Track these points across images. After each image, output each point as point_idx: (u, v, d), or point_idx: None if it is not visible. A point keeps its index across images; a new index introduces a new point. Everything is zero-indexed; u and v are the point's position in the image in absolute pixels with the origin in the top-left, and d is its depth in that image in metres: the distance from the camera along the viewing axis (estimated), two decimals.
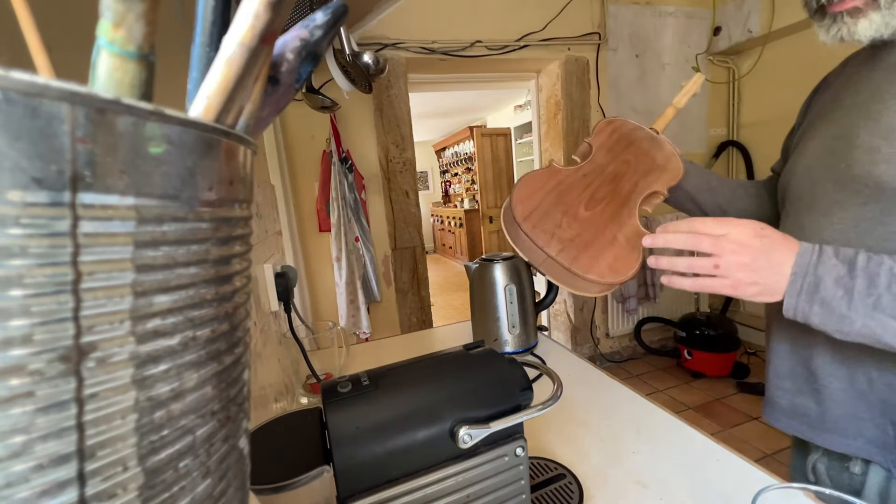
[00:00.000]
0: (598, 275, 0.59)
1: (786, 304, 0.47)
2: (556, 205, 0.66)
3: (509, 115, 4.68)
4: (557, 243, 0.62)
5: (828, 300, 0.45)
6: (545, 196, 0.66)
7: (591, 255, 0.61)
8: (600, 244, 0.62)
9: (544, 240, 0.62)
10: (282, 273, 0.81)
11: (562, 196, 0.67)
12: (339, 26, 0.27)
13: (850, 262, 0.45)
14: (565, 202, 0.66)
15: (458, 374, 0.40)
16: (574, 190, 0.68)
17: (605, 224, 0.64)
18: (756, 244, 0.48)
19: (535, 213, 0.64)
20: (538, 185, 0.67)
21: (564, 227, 0.63)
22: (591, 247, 0.62)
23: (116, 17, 0.14)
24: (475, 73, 2.15)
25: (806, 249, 0.47)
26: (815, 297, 0.45)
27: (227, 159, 0.16)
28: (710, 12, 2.39)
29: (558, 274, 0.62)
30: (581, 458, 0.58)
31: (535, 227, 0.63)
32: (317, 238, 1.86)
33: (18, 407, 0.10)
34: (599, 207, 0.66)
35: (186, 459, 0.14)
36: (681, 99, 0.78)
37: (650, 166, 0.72)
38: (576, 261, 0.60)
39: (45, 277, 0.10)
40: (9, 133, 0.10)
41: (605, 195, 0.67)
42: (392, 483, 0.34)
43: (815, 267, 0.46)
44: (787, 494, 0.34)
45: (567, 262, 0.60)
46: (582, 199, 0.67)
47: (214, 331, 0.15)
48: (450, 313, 4.02)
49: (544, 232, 0.63)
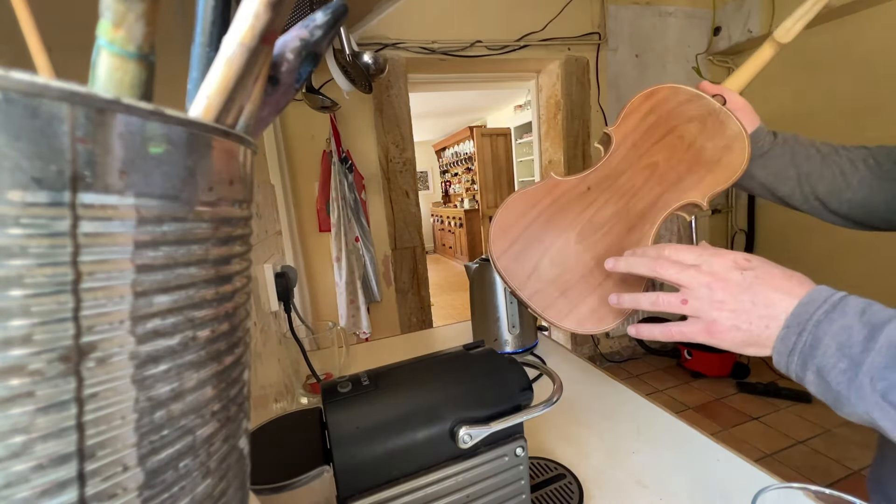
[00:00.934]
0: (575, 323, 0.49)
1: (775, 361, 0.37)
2: (543, 233, 0.52)
3: (509, 115, 4.68)
4: (535, 284, 0.50)
5: (824, 371, 0.33)
6: (532, 221, 0.53)
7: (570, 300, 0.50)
8: (587, 285, 0.50)
9: (519, 281, 0.51)
10: (282, 273, 0.81)
11: (553, 220, 0.53)
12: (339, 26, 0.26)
13: (875, 326, 0.32)
14: (555, 229, 0.52)
15: (458, 374, 0.40)
16: (570, 212, 0.53)
17: (597, 261, 0.51)
18: (735, 278, 0.38)
19: (516, 246, 0.52)
20: (525, 209, 0.53)
21: (545, 267, 0.51)
22: (573, 290, 0.50)
23: (116, 17, 0.14)
24: (475, 73, 2.15)
25: (817, 296, 0.35)
26: (809, 363, 0.34)
27: (227, 159, 0.16)
28: (710, 12, 2.39)
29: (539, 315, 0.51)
30: (581, 458, 0.58)
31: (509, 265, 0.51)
32: (317, 238, 1.86)
33: (18, 407, 0.10)
34: (594, 238, 0.52)
35: (186, 459, 0.14)
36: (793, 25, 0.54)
37: (691, 165, 0.54)
38: (549, 308, 0.49)
39: (45, 277, 0.10)
40: (9, 133, 0.10)
41: (608, 219, 0.53)
42: (392, 483, 0.35)
43: (819, 323, 0.34)
44: (787, 494, 0.34)
45: (540, 308, 0.49)
46: (576, 224, 0.53)
47: (214, 331, 0.15)
48: (450, 313, 4.02)
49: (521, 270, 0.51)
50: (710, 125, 0.55)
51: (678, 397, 2.20)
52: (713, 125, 0.55)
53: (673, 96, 0.57)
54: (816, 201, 0.57)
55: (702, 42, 2.43)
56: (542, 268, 0.51)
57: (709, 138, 0.55)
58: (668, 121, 0.56)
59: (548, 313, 0.50)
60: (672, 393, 2.25)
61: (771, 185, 0.59)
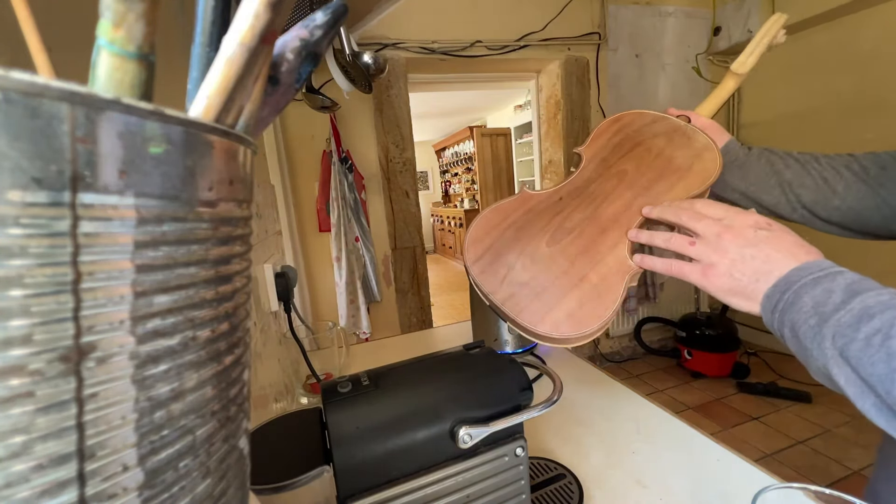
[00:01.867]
0: (551, 327, 0.46)
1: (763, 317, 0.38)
2: (513, 241, 0.52)
3: (509, 115, 4.68)
4: (507, 288, 0.49)
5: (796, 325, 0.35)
6: (504, 231, 0.53)
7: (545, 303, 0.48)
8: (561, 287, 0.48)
9: (493, 285, 0.49)
10: (282, 273, 0.81)
11: (524, 229, 0.53)
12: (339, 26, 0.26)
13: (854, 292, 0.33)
14: (525, 237, 0.52)
15: (458, 374, 0.40)
16: (541, 219, 0.53)
17: (571, 261, 0.50)
18: (749, 234, 0.39)
19: (489, 253, 0.51)
20: (498, 220, 0.54)
21: (518, 270, 0.50)
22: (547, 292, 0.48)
23: (116, 16, 0.14)
24: (475, 73, 2.15)
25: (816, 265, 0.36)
26: (786, 319, 0.36)
27: (227, 159, 0.16)
28: (710, 12, 2.39)
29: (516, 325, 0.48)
30: (581, 458, 0.58)
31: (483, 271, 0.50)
32: (317, 238, 1.86)
33: (18, 407, 0.10)
34: (566, 241, 0.51)
35: (186, 459, 0.14)
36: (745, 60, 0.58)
37: (661, 172, 0.55)
38: (523, 312, 0.47)
39: (45, 277, 0.10)
40: (9, 133, 0.10)
41: (577, 224, 0.52)
42: (392, 483, 0.35)
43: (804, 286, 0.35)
44: (787, 494, 0.34)
45: (513, 313, 0.47)
46: (547, 230, 0.52)
47: (214, 331, 0.15)
48: (450, 313, 4.02)
49: (494, 276, 0.50)
50: (677, 139, 0.58)
51: (678, 397, 2.20)
52: (680, 139, 0.58)
53: (639, 119, 0.61)
54: (804, 210, 0.57)
55: (702, 42, 2.43)
56: (514, 272, 0.50)
57: (677, 149, 0.57)
58: (635, 137, 0.59)
59: (522, 317, 0.47)
60: (672, 393, 2.25)
61: (755, 195, 0.59)
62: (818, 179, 0.56)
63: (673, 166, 0.55)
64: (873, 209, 0.53)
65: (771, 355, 2.46)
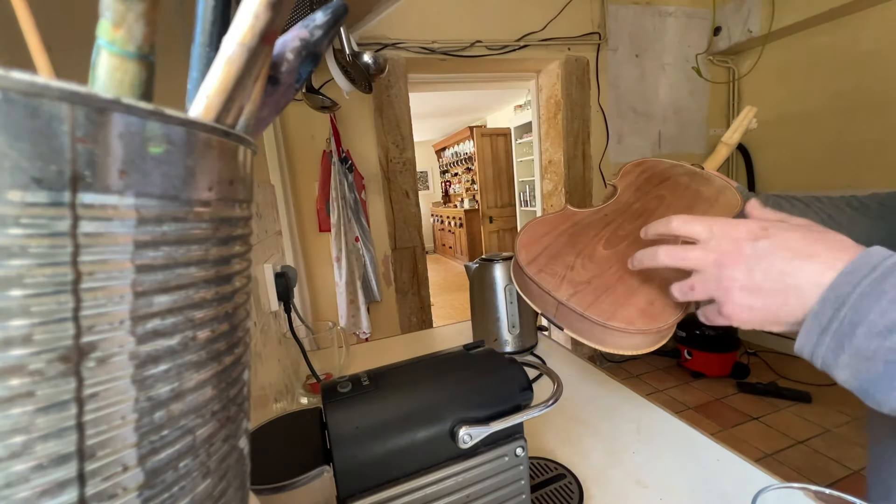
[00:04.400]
0: (626, 321, 0.45)
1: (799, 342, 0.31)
2: (567, 246, 0.53)
3: (509, 115, 4.68)
4: (569, 287, 0.49)
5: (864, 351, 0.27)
6: (555, 239, 0.54)
7: (615, 298, 0.47)
8: (627, 287, 0.49)
9: (552, 283, 0.49)
10: (282, 273, 0.81)
11: (575, 237, 0.54)
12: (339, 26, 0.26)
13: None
14: (580, 242, 0.54)
15: (458, 374, 0.40)
16: (592, 229, 0.55)
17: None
18: (748, 251, 0.33)
19: (542, 257, 0.52)
20: (547, 229, 0.56)
21: (578, 269, 0.50)
22: (615, 290, 0.48)
23: (116, 16, 0.14)
24: (475, 73, 2.15)
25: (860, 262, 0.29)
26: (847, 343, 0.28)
27: (227, 159, 0.16)
28: (710, 12, 2.39)
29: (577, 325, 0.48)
30: (581, 458, 0.58)
31: (541, 270, 0.51)
32: (317, 238, 1.86)
33: (18, 407, 0.10)
34: (622, 245, 0.52)
35: (186, 459, 0.14)
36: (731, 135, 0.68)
37: (693, 200, 0.58)
38: (593, 306, 0.47)
39: (45, 277, 0.10)
40: (9, 133, 0.10)
41: (631, 232, 0.54)
42: (392, 483, 0.35)
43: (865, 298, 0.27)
44: (787, 494, 0.34)
45: (582, 307, 0.47)
46: (601, 237, 0.54)
47: (214, 331, 0.15)
48: (450, 313, 4.02)
49: (553, 275, 0.50)
50: (698, 179, 0.63)
51: (678, 397, 2.20)
52: (700, 180, 0.63)
53: (660, 164, 0.67)
54: None
55: (702, 42, 2.43)
56: (575, 271, 0.51)
57: (701, 185, 0.61)
58: (662, 175, 0.64)
59: (592, 310, 0.47)
60: (672, 393, 2.25)
61: None
62: (823, 216, 0.56)
63: (702, 197, 0.59)
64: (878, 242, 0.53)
65: (771, 355, 2.46)
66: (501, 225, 5.18)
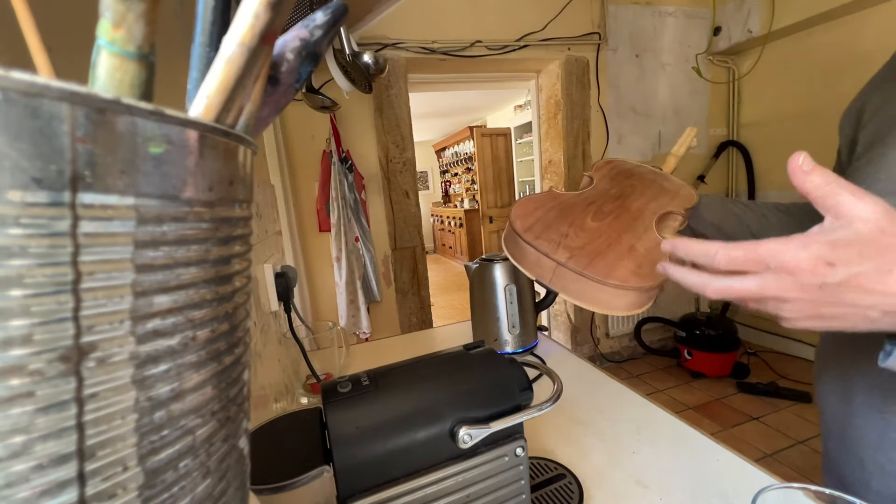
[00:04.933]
0: (621, 279, 0.50)
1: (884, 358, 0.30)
2: (558, 218, 0.59)
3: (509, 115, 4.68)
4: (565, 251, 0.54)
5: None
6: (547, 212, 0.60)
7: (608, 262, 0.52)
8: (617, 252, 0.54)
9: (550, 247, 0.54)
10: (282, 273, 0.81)
11: (565, 212, 0.60)
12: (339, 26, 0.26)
13: None
14: (570, 215, 0.60)
15: (458, 374, 0.40)
16: (577, 207, 0.62)
17: (618, 234, 0.57)
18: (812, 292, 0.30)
19: (538, 225, 0.58)
20: (538, 204, 0.61)
21: (572, 237, 0.56)
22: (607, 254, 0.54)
23: (116, 16, 0.14)
24: (475, 73, 2.15)
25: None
26: None
27: (227, 159, 0.16)
28: (710, 12, 2.39)
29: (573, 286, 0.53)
30: (581, 458, 0.58)
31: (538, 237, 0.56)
32: (317, 238, 1.86)
33: (18, 407, 0.10)
34: (609, 219, 0.59)
35: (186, 459, 0.14)
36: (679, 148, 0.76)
37: (659, 191, 0.67)
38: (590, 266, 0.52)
39: (45, 277, 0.10)
40: (9, 133, 0.10)
41: (614, 209, 0.61)
42: (392, 483, 0.34)
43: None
44: (787, 494, 0.34)
45: (581, 266, 0.51)
46: (588, 212, 0.60)
47: (214, 331, 0.15)
48: (450, 313, 4.02)
49: (549, 241, 0.55)
50: (660, 177, 0.72)
51: (678, 397, 2.20)
52: (661, 177, 0.71)
53: (626, 162, 0.75)
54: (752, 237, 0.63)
55: (702, 42, 2.43)
56: (569, 238, 0.56)
57: (664, 181, 0.70)
58: (629, 171, 0.72)
59: (590, 269, 0.51)
60: (672, 393, 2.25)
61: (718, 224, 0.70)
62: (759, 216, 0.68)
63: (666, 189, 0.68)
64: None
65: (771, 355, 2.46)
66: (501, 225, 5.18)
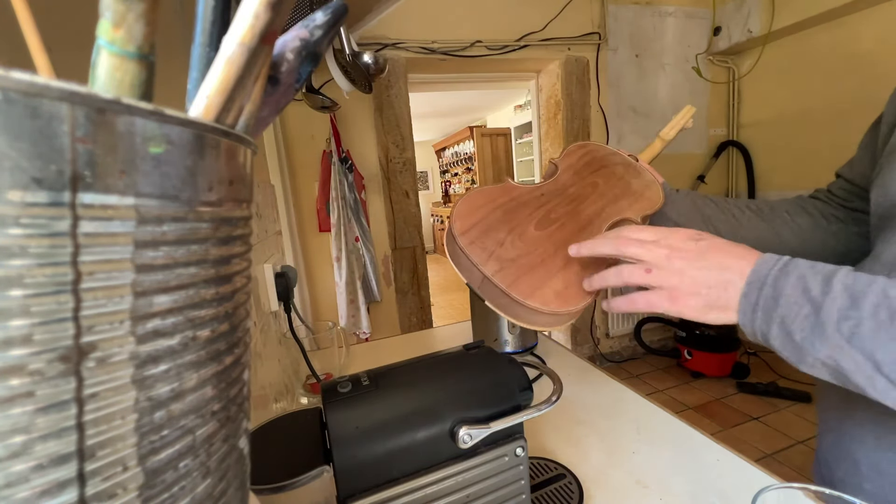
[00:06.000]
0: (541, 302, 0.49)
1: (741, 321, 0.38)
2: (501, 222, 0.56)
3: (509, 115, 4.68)
4: (495, 263, 0.51)
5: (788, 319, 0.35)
6: (491, 212, 0.56)
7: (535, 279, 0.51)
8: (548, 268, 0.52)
9: (481, 257, 0.52)
10: (282, 273, 0.81)
11: (510, 213, 0.57)
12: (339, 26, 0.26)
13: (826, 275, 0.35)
14: (513, 219, 0.56)
15: (458, 374, 0.40)
16: (527, 208, 0.58)
17: (556, 247, 0.54)
18: (691, 247, 0.41)
19: (476, 228, 0.54)
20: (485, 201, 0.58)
21: (507, 246, 0.53)
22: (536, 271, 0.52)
23: (116, 16, 0.14)
24: (475, 73, 2.15)
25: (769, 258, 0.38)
26: (773, 315, 0.36)
27: (227, 159, 0.16)
28: (710, 12, 2.39)
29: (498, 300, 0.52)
30: (581, 458, 0.58)
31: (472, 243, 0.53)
32: (317, 238, 1.86)
33: (18, 407, 0.10)
34: (552, 228, 0.56)
35: (186, 459, 0.14)
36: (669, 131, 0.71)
37: (622, 192, 0.64)
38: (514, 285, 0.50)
39: (45, 277, 0.10)
40: (9, 133, 0.10)
41: (562, 216, 0.58)
42: (392, 483, 0.34)
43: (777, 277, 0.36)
44: (787, 494, 0.34)
45: (505, 284, 0.50)
46: (533, 217, 0.57)
47: (214, 331, 0.15)
48: (450, 313, 4.02)
49: (483, 249, 0.52)
50: (631, 171, 0.68)
51: (678, 397, 2.20)
52: (633, 171, 0.68)
53: (600, 149, 0.71)
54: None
55: (702, 42, 2.43)
56: (504, 248, 0.53)
57: (632, 178, 0.67)
58: (601, 161, 0.68)
59: (513, 289, 0.50)
60: (672, 393, 2.25)
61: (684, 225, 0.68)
62: (729, 216, 0.66)
63: (631, 189, 0.65)
64: (769, 240, 0.63)
65: (771, 355, 2.45)
66: None
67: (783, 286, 0.36)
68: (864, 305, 0.32)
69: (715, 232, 0.65)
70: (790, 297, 0.35)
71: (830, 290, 0.34)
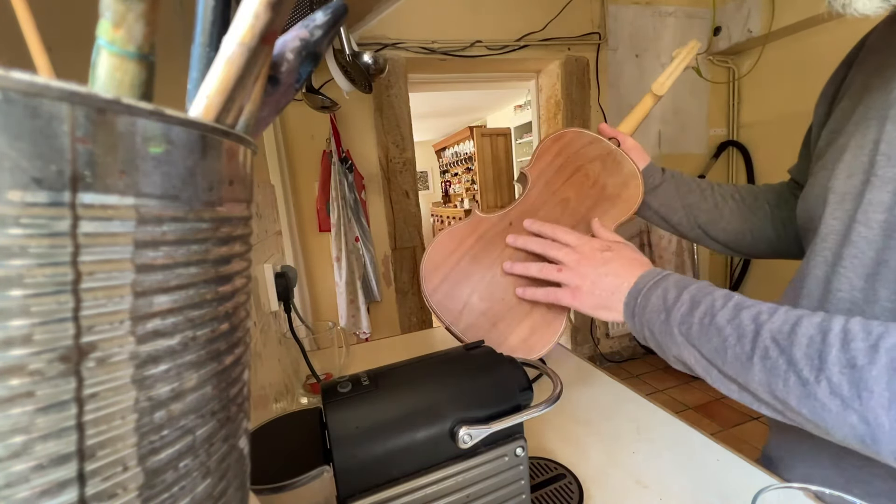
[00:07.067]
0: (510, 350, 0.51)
1: (627, 323, 0.46)
2: (471, 270, 0.56)
3: (509, 115, 4.68)
4: (467, 318, 0.53)
5: (651, 323, 0.43)
6: (460, 259, 0.56)
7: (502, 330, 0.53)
8: (514, 316, 0.54)
9: (452, 316, 0.54)
10: (282, 273, 0.81)
11: (478, 257, 0.57)
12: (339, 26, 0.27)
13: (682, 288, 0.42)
14: (482, 265, 0.56)
15: (458, 374, 0.40)
16: (495, 247, 0.58)
17: None
18: (598, 257, 0.48)
19: (446, 283, 0.55)
20: (454, 246, 0.57)
21: (476, 301, 0.55)
22: (504, 320, 0.53)
23: (116, 16, 0.14)
24: (475, 73, 2.15)
25: (649, 273, 0.45)
26: (643, 320, 0.44)
27: (227, 159, 0.16)
28: (710, 12, 2.39)
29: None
30: (581, 458, 0.58)
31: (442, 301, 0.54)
32: (317, 238, 1.86)
33: (18, 407, 0.10)
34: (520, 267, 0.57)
35: (186, 459, 0.14)
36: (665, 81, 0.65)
37: (595, 202, 0.61)
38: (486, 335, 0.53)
39: (45, 277, 0.10)
40: (9, 133, 0.10)
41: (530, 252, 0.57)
42: (392, 483, 0.34)
43: (649, 291, 0.44)
44: (787, 494, 0.34)
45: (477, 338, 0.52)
46: (502, 258, 0.57)
47: (214, 331, 0.15)
48: None
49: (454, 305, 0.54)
50: (609, 164, 0.64)
51: (678, 397, 2.20)
52: (611, 164, 0.64)
53: (577, 139, 0.65)
54: (699, 229, 0.67)
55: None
56: (472, 303, 0.55)
57: (609, 176, 0.63)
58: (575, 161, 0.64)
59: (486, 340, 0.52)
60: (672, 393, 2.25)
61: (664, 215, 0.68)
62: (711, 205, 0.66)
63: (605, 195, 0.62)
64: (748, 232, 0.64)
65: None
66: None
67: (650, 297, 0.43)
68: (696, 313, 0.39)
69: (694, 221, 0.67)
70: (654, 306, 0.43)
71: (678, 300, 0.41)
